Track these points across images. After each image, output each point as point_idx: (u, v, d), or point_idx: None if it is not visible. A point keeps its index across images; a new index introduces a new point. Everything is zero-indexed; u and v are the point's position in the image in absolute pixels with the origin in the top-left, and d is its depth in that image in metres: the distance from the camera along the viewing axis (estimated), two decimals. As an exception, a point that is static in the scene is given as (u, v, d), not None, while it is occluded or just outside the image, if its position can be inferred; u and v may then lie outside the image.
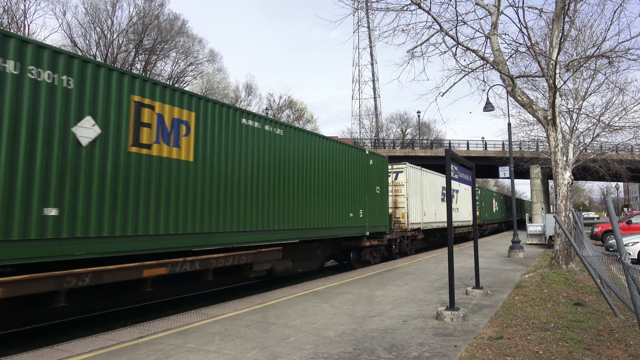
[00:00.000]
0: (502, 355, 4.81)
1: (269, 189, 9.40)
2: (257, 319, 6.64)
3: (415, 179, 18.15)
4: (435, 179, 21.13)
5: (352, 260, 13.69)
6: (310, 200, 10.78)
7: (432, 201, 20.10)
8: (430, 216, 19.67)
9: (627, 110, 19.31)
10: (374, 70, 68.09)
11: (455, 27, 11.56)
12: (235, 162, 8.56)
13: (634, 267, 4.33)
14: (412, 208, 17.41)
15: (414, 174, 18.14)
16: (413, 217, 17.42)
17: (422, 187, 18.84)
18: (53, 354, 5.07)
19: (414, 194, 17.79)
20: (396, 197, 17.11)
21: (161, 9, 37.15)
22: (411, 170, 17.79)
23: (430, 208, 19.87)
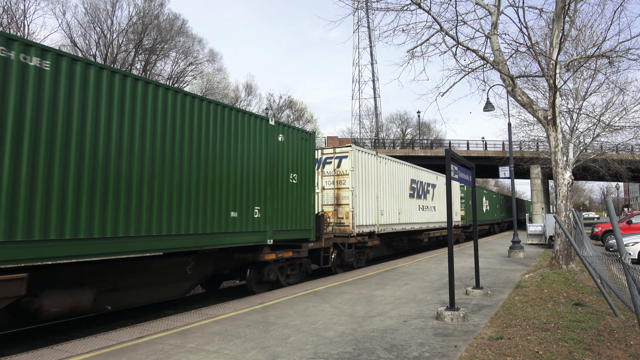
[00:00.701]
0: (502, 356, 4.80)
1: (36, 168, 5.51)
2: (257, 319, 6.64)
3: (367, 168, 14.15)
4: (399, 170, 16.84)
5: (249, 280, 9.59)
6: (142, 193, 6.78)
7: (394, 197, 16.03)
8: (391, 216, 15.70)
9: (627, 110, 19.31)
10: (374, 70, 68.10)
11: (455, 27, 11.56)
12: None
13: (634, 267, 4.32)
14: (361, 205, 13.45)
15: (365, 160, 14.03)
16: (362, 217, 13.49)
17: (378, 178, 14.76)
18: (53, 354, 5.07)
19: (365, 187, 13.84)
20: (338, 190, 13.18)
21: (161, 8, 37.16)
22: (360, 155, 13.65)
23: (392, 206, 15.83)
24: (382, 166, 15.23)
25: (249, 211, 8.93)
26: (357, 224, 13.02)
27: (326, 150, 13.62)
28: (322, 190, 13.48)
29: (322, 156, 13.48)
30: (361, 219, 13.40)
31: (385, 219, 15.21)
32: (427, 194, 19.78)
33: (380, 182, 14.97)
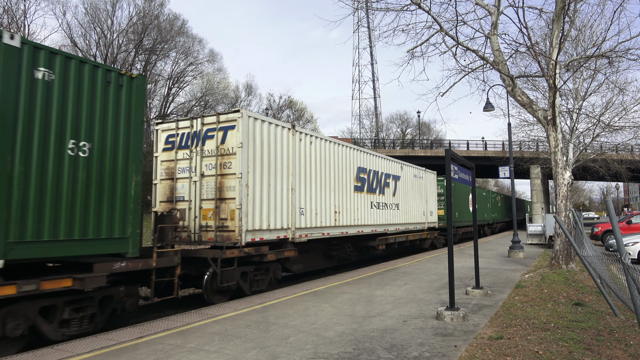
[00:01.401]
0: (502, 355, 4.81)
1: None
2: (257, 319, 6.64)
3: (273, 146, 9.89)
4: (338, 154, 12.56)
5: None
6: None
7: (327, 191, 11.90)
8: (321, 217, 11.54)
9: (627, 110, 19.33)
10: (374, 70, 68.08)
11: (455, 27, 11.56)
12: None
13: (634, 267, 4.32)
14: (257, 200, 9.28)
15: (267, 134, 9.73)
16: (259, 217, 9.30)
17: (295, 162, 10.62)
18: (53, 354, 5.07)
19: (267, 174, 9.61)
20: (221, 178, 9.11)
21: (161, 9, 37.17)
22: (257, 126, 9.45)
23: (323, 203, 11.65)
24: (303, 146, 10.97)
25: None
26: (247, 227, 8.91)
27: (208, 118, 9.51)
28: (202, 178, 9.35)
29: (203, 127, 9.51)
30: (256, 221, 9.22)
31: (310, 220, 11.01)
32: (385, 187, 15.58)
33: (301, 168, 10.76)
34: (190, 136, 9.71)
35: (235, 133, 9.07)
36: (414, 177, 18.54)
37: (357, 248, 14.49)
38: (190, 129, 9.74)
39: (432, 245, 20.89)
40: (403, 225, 17.06)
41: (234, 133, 9.10)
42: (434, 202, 21.06)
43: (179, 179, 9.75)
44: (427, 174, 20.26)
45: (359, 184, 13.80)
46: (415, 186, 18.51)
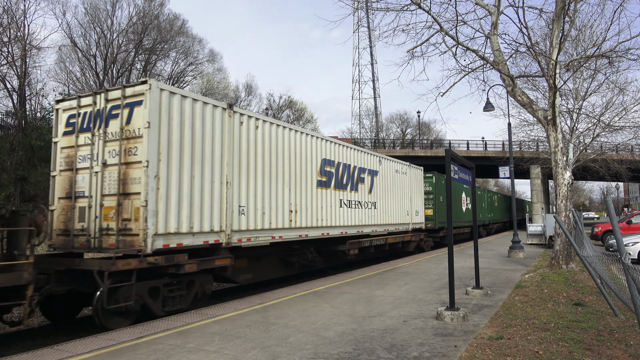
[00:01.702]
0: (502, 355, 4.81)
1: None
2: (257, 319, 6.64)
3: (196, 127, 8.00)
4: (295, 142, 10.73)
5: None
6: None
7: (281, 185, 10.06)
8: (275, 216, 9.75)
9: (627, 110, 19.33)
10: (374, 70, 68.09)
11: (455, 27, 11.56)
12: None
13: (634, 267, 4.32)
14: (173, 196, 7.41)
15: (189, 112, 7.88)
16: (179, 218, 7.49)
17: (234, 150, 8.76)
18: (53, 354, 5.07)
19: (188, 162, 7.77)
20: (126, 167, 7.29)
21: (161, 9, 37.15)
22: (177, 103, 7.66)
23: (276, 199, 9.85)
24: (246, 131, 9.06)
25: None
26: (157, 230, 7.01)
27: (112, 93, 7.61)
28: (104, 169, 7.46)
29: (107, 105, 7.60)
30: (171, 222, 7.30)
31: (254, 220, 9.06)
32: (359, 184, 13.75)
33: (242, 157, 8.85)
34: (93, 116, 7.70)
35: (142, 110, 7.10)
36: (396, 172, 16.60)
37: (323, 253, 12.39)
38: (93, 107, 7.72)
39: (419, 248, 18.99)
40: (381, 226, 15.16)
41: (141, 110, 7.14)
42: (420, 200, 19.22)
43: (79, 170, 7.76)
44: (411, 169, 18.47)
45: (323, 179, 11.78)
46: (397, 183, 16.65)
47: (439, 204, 20.47)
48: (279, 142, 10.21)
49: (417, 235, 18.20)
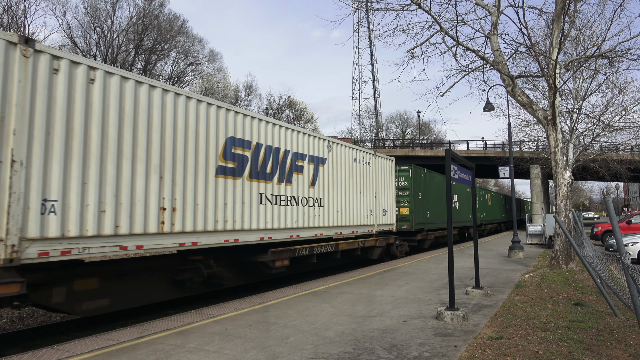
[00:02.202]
0: (502, 355, 4.81)
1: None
2: (257, 319, 6.64)
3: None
4: (174, 108, 7.65)
5: None
6: None
7: (143, 170, 6.97)
8: (128, 215, 6.63)
9: (627, 110, 19.35)
10: (374, 70, 68.12)
11: (455, 27, 11.57)
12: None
13: (634, 267, 4.33)
14: None
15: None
16: None
17: (44, 112, 5.75)
18: (53, 354, 5.07)
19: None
20: None
21: (161, 9, 37.18)
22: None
23: (132, 190, 6.77)
24: (65, 84, 6.01)
25: None
26: None
27: None
28: None
29: None
30: None
31: (81, 223, 6.04)
32: (295, 173, 10.64)
33: (55, 124, 5.89)
34: None
35: None
36: (354, 162, 13.40)
37: (235, 266, 9.66)
38: None
39: (389, 255, 15.78)
40: (330, 229, 11.86)
41: None
42: (389, 197, 15.79)
43: None
44: (378, 159, 15.03)
45: (230, 165, 8.68)
46: (355, 175, 13.41)
47: (417, 202, 17.23)
48: (141, 109, 7.00)
49: (384, 240, 14.89)
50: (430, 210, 19.21)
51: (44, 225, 5.65)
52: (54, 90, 5.89)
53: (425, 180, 18.81)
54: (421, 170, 18.47)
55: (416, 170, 17.78)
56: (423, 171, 18.62)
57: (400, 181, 17.29)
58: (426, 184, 18.84)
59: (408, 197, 17.15)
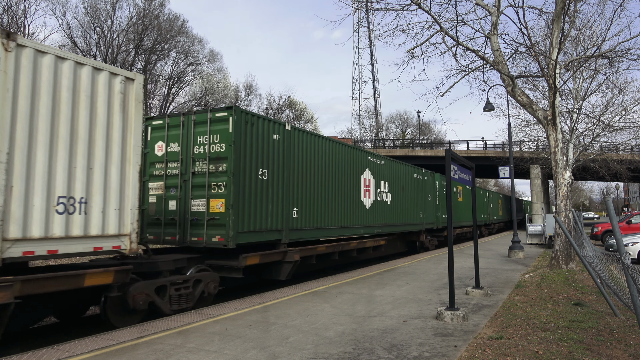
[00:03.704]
0: (502, 355, 4.81)
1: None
2: (257, 319, 6.64)
3: None
4: None
5: None
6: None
7: None
8: None
9: (627, 110, 19.34)
10: (374, 70, 68.13)
11: (455, 27, 11.57)
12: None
13: (634, 267, 4.33)
14: None
15: None
16: None
17: None
18: (53, 354, 5.07)
19: None
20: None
21: (161, 9, 37.17)
22: None
23: None
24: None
25: None
26: None
27: None
28: None
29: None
30: None
31: None
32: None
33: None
34: None
35: None
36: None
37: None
38: None
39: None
40: None
41: None
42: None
43: None
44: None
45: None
46: None
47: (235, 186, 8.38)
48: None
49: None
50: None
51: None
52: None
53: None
54: (245, 115, 8.84)
55: (240, 116, 8.53)
56: (247, 116, 8.90)
57: (204, 142, 8.69)
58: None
59: (225, 175, 8.33)
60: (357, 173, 13.16)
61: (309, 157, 10.81)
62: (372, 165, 14.19)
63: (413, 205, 17.58)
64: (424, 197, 19.00)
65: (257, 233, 8.94)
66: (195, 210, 8.62)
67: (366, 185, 13.70)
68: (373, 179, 14.18)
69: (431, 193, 19.92)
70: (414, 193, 17.71)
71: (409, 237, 18.46)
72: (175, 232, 8.79)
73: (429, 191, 19.57)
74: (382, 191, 14.84)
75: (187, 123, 8.99)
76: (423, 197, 18.84)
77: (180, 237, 8.71)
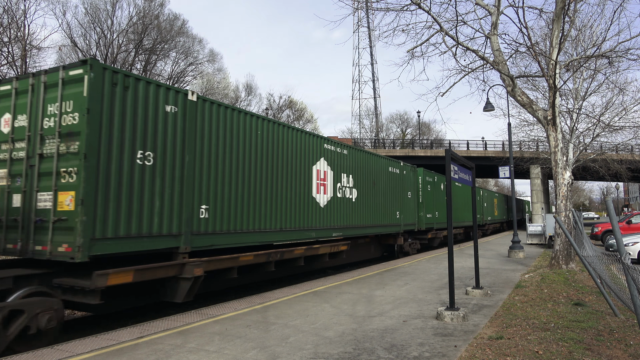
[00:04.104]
0: (502, 355, 4.81)
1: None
2: (257, 319, 6.64)
3: None
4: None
5: None
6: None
7: None
8: None
9: (627, 110, 19.35)
10: (374, 70, 68.14)
11: (455, 27, 11.57)
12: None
13: (634, 267, 4.33)
14: None
15: None
16: None
17: None
18: (53, 354, 5.07)
19: None
20: None
21: (161, 9, 37.16)
22: None
23: None
24: None
25: None
26: None
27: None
28: None
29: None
30: None
31: None
32: None
33: None
34: None
35: None
36: None
37: None
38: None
39: None
40: None
41: None
42: None
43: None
44: None
45: None
46: None
47: (89, 172, 5.99)
48: None
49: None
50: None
51: None
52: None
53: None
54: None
55: (115, 79, 6.43)
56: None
57: (55, 112, 6.36)
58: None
59: (76, 158, 5.99)
60: (307, 163, 10.73)
61: (230, 138, 8.36)
62: (330, 154, 11.66)
63: (388, 204, 15.02)
64: (403, 195, 16.34)
65: (134, 239, 6.47)
66: (41, 207, 6.19)
67: (321, 178, 11.22)
68: (331, 170, 11.72)
69: (412, 190, 17.22)
70: (388, 189, 15.19)
71: (385, 240, 16.11)
72: (17, 237, 6.31)
73: (408, 188, 16.89)
74: (345, 186, 12.38)
75: (36, 87, 6.64)
76: (401, 194, 16.21)
77: (23, 245, 6.24)
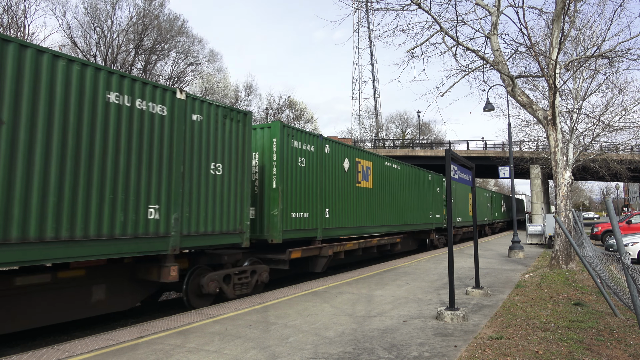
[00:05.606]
0: (502, 355, 4.81)
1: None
2: (257, 318, 6.64)
3: None
4: None
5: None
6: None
7: None
8: None
9: (627, 110, 19.34)
10: (374, 70, 68.17)
11: (455, 27, 11.57)
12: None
13: (634, 267, 4.33)
14: None
15: None
16: None
17: None
18: (53, 354, 5.07)
19: None
20: None
21: (161, 9, 37.18)
22: None
23: None
24: None
25: None
26: None
27: None
28: None
29: None
30: None
31: None
32: None
33: None
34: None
35: None
36: None
37: None
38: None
39: None
40: None
41: None
42: None
43: None
44: None
45: None
46: None
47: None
48: None
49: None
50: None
51: None
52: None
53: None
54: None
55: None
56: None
57: None
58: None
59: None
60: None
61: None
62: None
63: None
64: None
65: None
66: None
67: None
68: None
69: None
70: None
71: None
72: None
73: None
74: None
75: None
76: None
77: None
